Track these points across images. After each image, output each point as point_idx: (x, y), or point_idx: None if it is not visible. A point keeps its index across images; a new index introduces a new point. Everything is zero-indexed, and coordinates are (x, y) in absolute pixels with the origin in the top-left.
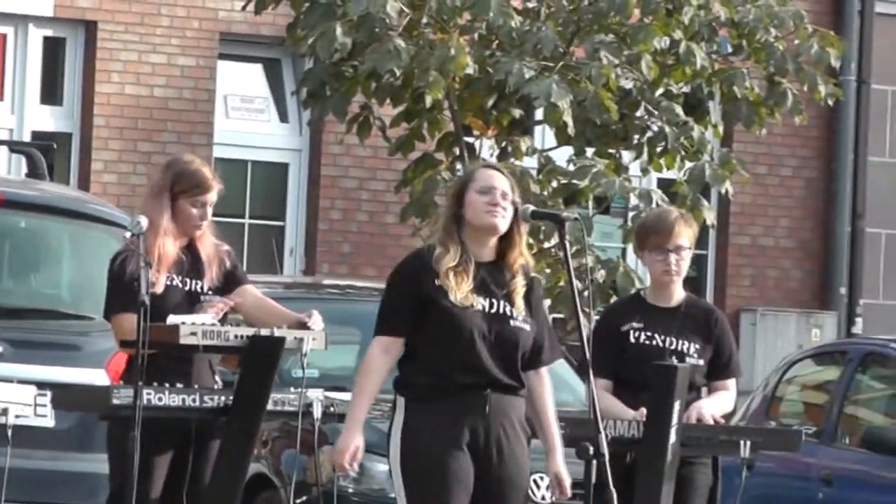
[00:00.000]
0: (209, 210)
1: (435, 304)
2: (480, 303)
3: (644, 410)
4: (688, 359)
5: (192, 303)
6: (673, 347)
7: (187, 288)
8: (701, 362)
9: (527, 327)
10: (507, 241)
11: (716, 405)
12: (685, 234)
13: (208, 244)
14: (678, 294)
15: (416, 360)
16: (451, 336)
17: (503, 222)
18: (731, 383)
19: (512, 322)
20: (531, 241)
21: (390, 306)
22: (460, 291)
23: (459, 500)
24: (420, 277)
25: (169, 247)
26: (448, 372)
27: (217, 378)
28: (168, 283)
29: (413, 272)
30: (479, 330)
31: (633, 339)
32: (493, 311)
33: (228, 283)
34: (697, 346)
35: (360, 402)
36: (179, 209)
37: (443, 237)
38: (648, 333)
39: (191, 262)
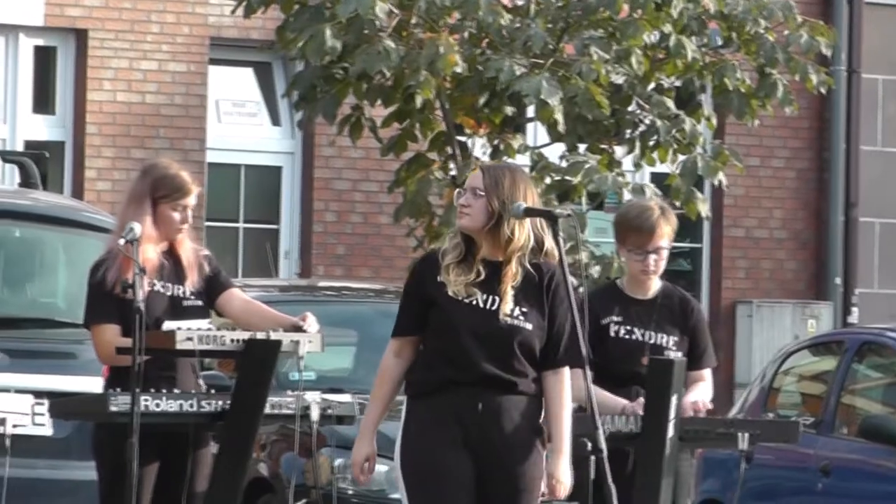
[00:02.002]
0: (189, 213)
1: (434, 300)
2: (479, 299)
3: (640, 401)
4: (666, 352)
5: (175, 307)
6: (652, 342)
7: (170, 293)
8: (679, 354)
9: (527, 325)
10: (499, 236)
11: (702, 395)
12: (665, 234)
13: (188, 248)
14: (655, 286)
15: (418, 358)
16: (443, 332)
17: (468, 220)
18: (707, 373)
19: (508, 319)
20: None
21: (401, 306)
22: (456, 285)
23: (457, 499)
24: (426, 275)
25: (150, 253)
26: (439, 368)
27: (200, 381)
28: (150, 288)
29: (420, 271)
30: (470, 326)
31: (612, 334)
32: (490, 307)
33: (212, 288)
34: (675, 339)
35: (372, 409)
36: (160, 214)
37: (453, 235)
38: (627, 328)
39: (172, 266)
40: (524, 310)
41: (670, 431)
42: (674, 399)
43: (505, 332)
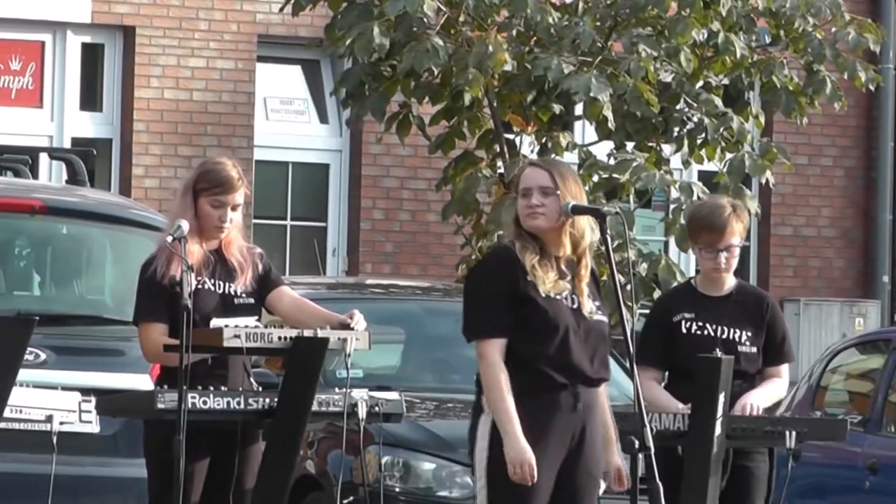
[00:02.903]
0: (230, 213)
1: (528, 299)
2: (567, 296)
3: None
4: (740, 347)
5: (227, 305)
6: (724, 336)
7: (221, 291)
8: (754, 349)
9: (605, 319)
10: (569, 234)
11: (765, 395)
12: (737, 232)
13: (236, 251)
14: (729, 283)
15: (510, 359)
16: (545, 333)
17: (543, 220)
18: (784, 369)
19: (593, 315)
20: None
21: (486, 306)
22: (549, 282)
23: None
24: (511, 272)
25: (194, 248)
26: (543, 370)
27: (252, 380)
28: (200, 286)
29: (504, 268)
30: (570, 325)
31: (684, 330)
32: (573, 305)
33: (263, 286)
34: (749, 334)
35: (510, 410)
36: (200, 209)
37: (516, 233)
38: (700, 323)
39: (221, 264)
40: (598, 304)
41: (718, 430)
42: (721, 397)
43: (595, 328)
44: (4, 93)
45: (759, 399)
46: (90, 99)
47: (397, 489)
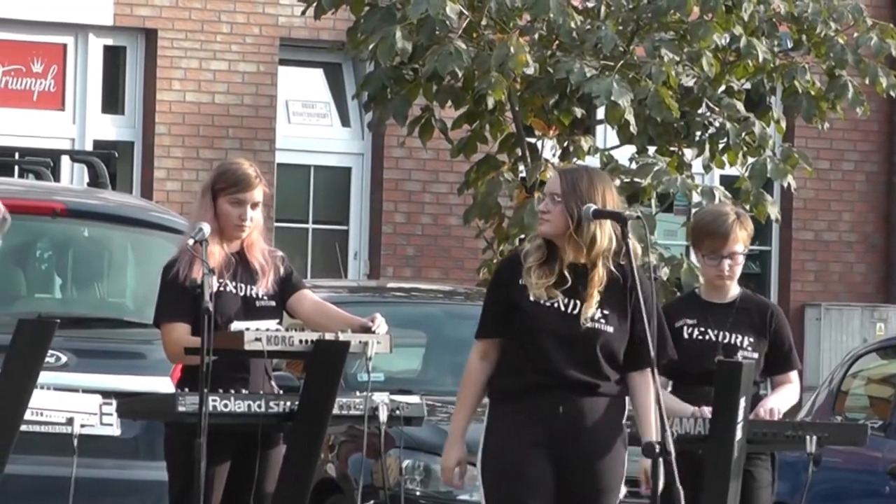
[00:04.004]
0: (250, 211)
1: (517, 303)
2: (561, 302)
3: (706, 409)
4: (741, 352)
5: (248, 308)
6: (726, 341)
7: (243, 294)
8: (755, 356)
9: (608, 328)
10: (582, 240)
11: (784, 400)
12: (741, 239)
13: (258, 253)
14: (733, 291)
15: (501, 361)
16: (526, 335)
17: (548, 226)
18: (794, 375)
19: (588, 323)
20: None
21: (484, 308)
22: (538, 288)
23: (534, 502)
24: (509, 277)
25: (215, 249)
26: (523, 372)
27: (273, 384)
28: (221, 288)
29: (504, 272)
30: (552, 329)
31: (686, 336)
32: (571, 311)
33: (284, 289)
34: (751, 340)
35: (460, 412)
36: (220, 209)
37: (534, 237)
38: (701, 329)
39: (243, 267)
40: (606, 312)
41: (738, 434)
42: (742, 402)
43: (586, 335)
44: (26, 95)
45: (779, 403)
46: (112, 101)
47: (418, 493)
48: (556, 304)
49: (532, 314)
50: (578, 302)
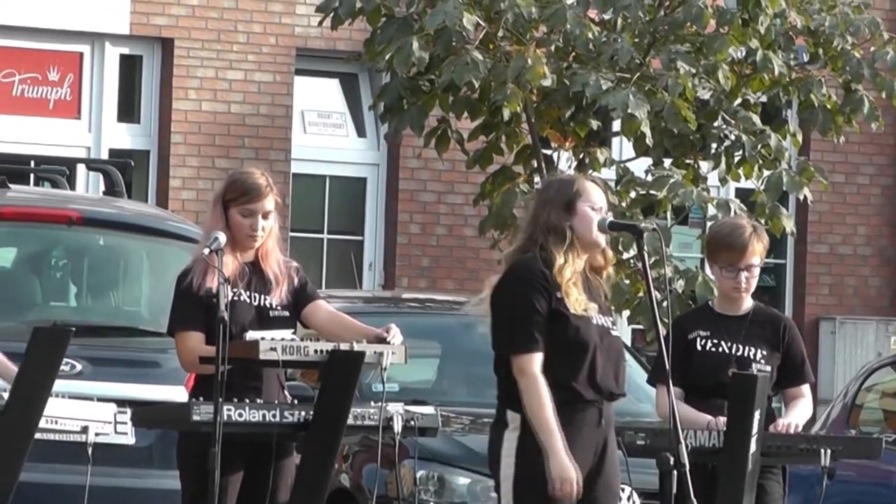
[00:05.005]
0: (261, 221)
1: (561, 316)
2: (594, 313)
3: (721, 419)
4: (754, 365)
5: (262, 318)
6: (739, 354)
7: (257, 303)
8: (768, 368)
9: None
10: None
11: (800, 415)
12: (758, 252)
13: (273, 263)
14: (746, 303)
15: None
16: (577, 351)
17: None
18: (806, 389)
19: (615, 332)
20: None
21: (523, 320)
22: (579, 303)
23: None
24: (546, 288)
25: (226, 257)
26: (573, 387)
27: (286, 393)
28: (235, 298)
29: (538, 283)
30: (597, 343)
31: (699, 347)
32: (601, 322)
33: (299, 300)
34: (764, 353)
35: (557, 433)
36: (231, 219)
37: (556, 243)
38: (715, 341)
39: (257, 277)
40: (612, 320)
41: (753, 447)
42: (756, 414)
43: (615, 344)
44: (42, 103)
45: (797, 419)
46: (128, 110)
47: (432, 503)
48: (593, 317)
49: (580, 328)
50: (602, 313)
